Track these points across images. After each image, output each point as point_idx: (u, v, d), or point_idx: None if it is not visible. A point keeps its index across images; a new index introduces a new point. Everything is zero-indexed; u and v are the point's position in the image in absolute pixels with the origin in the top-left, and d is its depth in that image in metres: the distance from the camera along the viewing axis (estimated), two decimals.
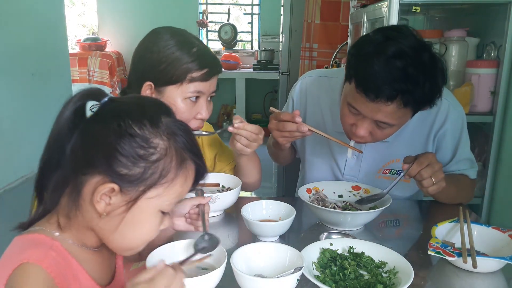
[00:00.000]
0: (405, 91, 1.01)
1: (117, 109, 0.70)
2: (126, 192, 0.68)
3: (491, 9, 1.92)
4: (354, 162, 1.37)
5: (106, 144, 0.67)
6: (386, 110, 1.05)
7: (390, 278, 0.87)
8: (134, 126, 0.68)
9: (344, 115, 1.17)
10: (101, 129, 0.68)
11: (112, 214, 0.69)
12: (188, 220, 1.00)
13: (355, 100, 1.10)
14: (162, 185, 0.70)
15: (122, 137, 0.67)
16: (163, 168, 0.69)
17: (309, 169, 1.47)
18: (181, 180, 0.72)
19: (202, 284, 0.80)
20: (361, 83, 1.06)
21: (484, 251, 1.00)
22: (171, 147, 0.70)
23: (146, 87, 1.12)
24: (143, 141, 0.68)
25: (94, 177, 0.68)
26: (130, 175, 0.67)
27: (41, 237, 0.69)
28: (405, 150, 1.26)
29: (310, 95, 1.42)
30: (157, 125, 0.69)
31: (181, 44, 1.11)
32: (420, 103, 1.07)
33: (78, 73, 5.56)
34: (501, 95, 1.83)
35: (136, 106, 0.72)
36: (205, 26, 5.92)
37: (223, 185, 1.31)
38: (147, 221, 0.72)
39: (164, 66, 1.10)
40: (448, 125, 1.30)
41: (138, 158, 0.67)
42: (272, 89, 5.86)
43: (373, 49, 1.05)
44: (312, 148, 1.45)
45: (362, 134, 1.13)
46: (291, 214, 1.08)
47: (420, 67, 1.02)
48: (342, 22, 3.12)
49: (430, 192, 1.13)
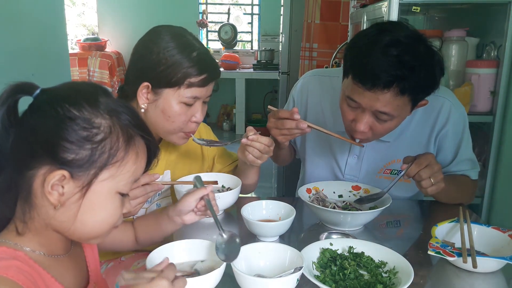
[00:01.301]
0: (401, 77, 1.01)
1: (52, 97, 0.68)
2: (77, 178, 0.66)
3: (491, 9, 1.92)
4: (355, 162, 1.37)
5: (47, 132, 0.65)
6: (384, 98, 1.05)
7: (390, 278, 0.87)
8: (73, 109, 0.66)
9: (344, 111, 1.17)
10: (38, 118, 0.66)
11: (68, 203, 0.67)
12: (198, 213, 1.00)
13: (353, 92, 1.09)
14: (114, 165, 0.68)
15: (63, 122, 0.65)
16: (111, 147, 0.67)
17: (309, 169, 1.47)
18: (132, 157, 0.70)
19: (202, 284, 0.80)
20: (357, 73, 1.06)
21: (484, 251, 1.00)
22: (115, 125, 0.69)
23: (142, 87, 1.12)
24: (85, 122, 0.66)
25: (42, 169, 0.65)
26: (78, 159, 0.65)
27: (2, 249, 0.66)
28: (406, 150, 1.26)
29: (311, 94, 1.42)
30: (95, 105, 0.68)
31: (181, 47, 1.10)
32: (416, 91, 1.06)
33: (78, 73, 5.55)
34: (501, 95, 1.83)
35: (71, 91, 0.70)
36: (205, 26, 5.91)
37: (223, 185, 1.31)
38: (105, 204, 0.70)
39: (163, 68, 1.09)
40: (450, 126, 1.30)
41: (83, 141, 0.65)
42: (272, 89, 5.86)
43: (368, 40, 1.06)
44: (312, 148, 1.44)
45: (363, 129, 1.12)
46: (291, 214, 1.08)
47: (415, 55, 1.02)
48: (342, 22, 3.12)
49: (429, 193, 1.13)
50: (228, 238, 0.91)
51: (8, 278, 0.61)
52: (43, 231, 0.70)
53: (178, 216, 1.00)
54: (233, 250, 0.87)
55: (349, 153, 1.38)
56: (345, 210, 1.18)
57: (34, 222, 0.69)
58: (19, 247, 0.68)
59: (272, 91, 5.92)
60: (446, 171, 1.35)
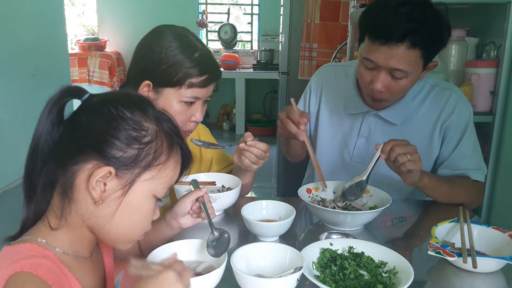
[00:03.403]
0: (412, 30, 1.12)
1: (104, 99, 0.72)
2: (121, 176, 0.69)
3: (490, 9, 1.92)
4: (363, 144, 1.42)
5: (99, 128, 0.68)
6: (397, 53, 1.14)
7: (390, 278, 0.87)
8: (125, 111, 0.69)
9: (362, 74, 1.25)
10: (90, 116, 0.70)
11: (108, 200, 0.69)
12: (194, 215, 1.01)
13: (369, 52, 1.19)
14: (156, 167, 0.71)
15: (115, 121, 0.68)
16: (156, 149, 0.71)
17: (319, 154, 1.50)
18: (173, 163, 0.74)
19: (202, 284, 0.80)
20: (373, 30, 1.17)
21: (484, 251, 1.00)
22: (160, 131, 0.73)
23: (144, 86, 1.12)
24: (135, 123, 0.70)
25: (88, 164, 0.68)
26: (125, 158, 0.68)
27: (33, 246, 0.68)
28: (413, 136, 1.28)
29: (326, 81, 1.51)
30: (145, 111, 0.72)
31: (183, 48, 1.11)
32: (427, 44, 1.15)
33: (78, 73, 5.56)
34: (501, 95, 1.83)
35: (123, 96, 0.74)
36: (205, 26, 5.92)
37: (223, 184, 1.31)
38: (143, 205, 0.72)
39: (164, 67, 1.10)
40: (454, 117, 1.34)
41: (131, 140, 0.69)
42: (272, 89, 5.87)
43: (381, 3, 1.18)
44: (324, 130, 1.50)
45: (379, 88, 1.20)
46: (291, 214, 1.08)
47: (424, 11, 1.14)
48: (341, 22, 3.12)
49: (408, 167, 1.13)
50: (219, 235, 0.94)
51: (38, 276, 0.63)
52: (77, 229, 0.72)
53: (175, 220, 1.00)
54: (222, 246, 0.91)
55: (358, 136, 1.42)
56: (345, 210, 1.18)
57: (71, 217, 0.71)
58: (49, 246, 0.69)
59: (272, 91, 5.92)
60: (445, 165, 1.36)
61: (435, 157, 1.39)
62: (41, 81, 3.95)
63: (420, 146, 1.17)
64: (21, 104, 3.70)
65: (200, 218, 1.01)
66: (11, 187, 3.54)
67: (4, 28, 3.52)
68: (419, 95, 1.37)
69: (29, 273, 0.63)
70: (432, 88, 1.37)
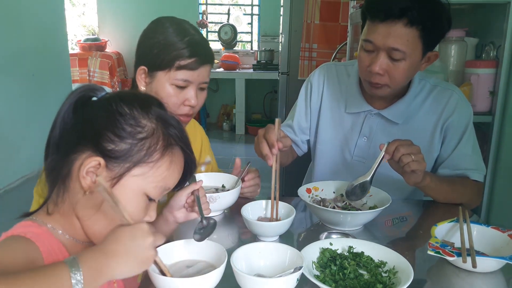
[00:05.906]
0: (410, 7, 1.14)
1: (111, 96, 0.75)
2: (111, 168, 0.70)
3: (490, 9, 1.92)
4: (364, 143, 1.42)
5: (96, 120, 0.72)
6: (396, 31, 1.17)
7: (390, 278, 0.87)
8: (125, 107, 0.72)
9: (361, 58, 1.27)
10: (94, 110, 0.73)
11: (96, 191, 0.69)
12: (188, 209, 1.01)
13: (368, 32, 1.22)
14: (148, 164, 0.72)
15: (112, 114, 0.71)
16: (149, 146, 0.72)
17: (320, 153, 1.51)
18: (166, 162, 0.74)
19: (202, 284, 0.80)
20: (371, 8, 1.21)
21: (483, 251, 1.00)
22: (159, 130, 0.74)
23: (140, 71, 1.15)
24: (131, 119, 0.72)
25: (84, 153, 0.71)
26: (116, 151, 0.70)
27: (27, 222, 0.72)
28: (414, 135, 1.28)
29: (327, 79, 1.51)
30: (146, 109, 0.74)
31: (176, 32, 1.13)
32: (425, 23, 1.16)
33: (78, 74, 5.56)
34: (500, 95, 1.84)
35: (130, 94, 0.77)
36: (205, 26, 5.92)
37: (223, 184, 1.31)
38: (131, 201, 0.72)
39: (156, 51, 1.12)
40: (455, 117, 1.35)
41: (125, 135, 0.71)
42: (272, 89, 5.86)
43: None
44: (324, 129, 1.50)
45: (378, 69, 1.21)
46: (291, 214, 1.08)
47: None
48: (341, 22, 3.12)
49: (412, 167, 1.12)
50: (207, 224, 0.97)
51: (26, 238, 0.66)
52: (68, 216, 0.74)
53: (170, 213, 1.01)
54: (207, 232, 0.94)
55: (359, 135, 1.42)
56: (345, 210, 1.18)
57: (64, 205, 0.73)
58: (42, 223, 0.72)
59: (272, 91, 5.92)
60: (445, 165, 1.36)
61: (436, 157, 1.39)
62: (41, 81, 3.95)
63: (421, 146, 1.17)
64: (21, 104, 3.70)
65: (194, 213, 1.01)
66: (11, 187, 3.54)
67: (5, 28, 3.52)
68: (420, 94, 1.37)
69: (18, 236, 0.67)
70: (433, 88, 1.38)
